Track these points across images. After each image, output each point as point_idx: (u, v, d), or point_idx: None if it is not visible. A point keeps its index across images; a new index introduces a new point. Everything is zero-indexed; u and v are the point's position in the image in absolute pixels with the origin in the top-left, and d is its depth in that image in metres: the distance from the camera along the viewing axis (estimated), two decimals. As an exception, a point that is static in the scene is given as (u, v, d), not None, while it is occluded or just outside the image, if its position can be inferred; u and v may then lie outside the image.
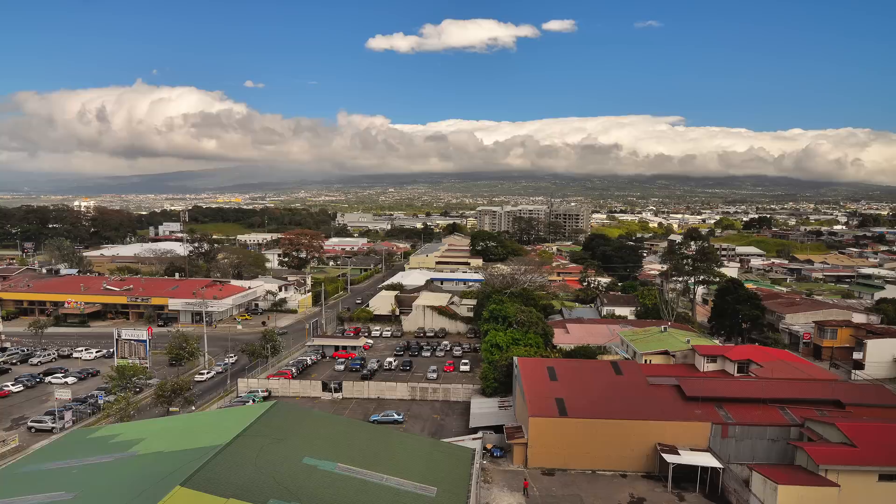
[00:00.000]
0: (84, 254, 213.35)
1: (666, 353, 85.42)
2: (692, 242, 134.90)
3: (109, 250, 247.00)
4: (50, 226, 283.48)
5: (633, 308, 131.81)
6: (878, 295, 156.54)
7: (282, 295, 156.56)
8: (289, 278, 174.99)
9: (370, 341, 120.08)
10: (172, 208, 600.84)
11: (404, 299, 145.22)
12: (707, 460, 56.18)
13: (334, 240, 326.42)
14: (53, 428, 71.88)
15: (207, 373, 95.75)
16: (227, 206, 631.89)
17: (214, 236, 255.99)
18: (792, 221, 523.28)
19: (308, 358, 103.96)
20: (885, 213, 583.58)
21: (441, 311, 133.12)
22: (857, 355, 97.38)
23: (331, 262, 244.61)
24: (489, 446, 64.66)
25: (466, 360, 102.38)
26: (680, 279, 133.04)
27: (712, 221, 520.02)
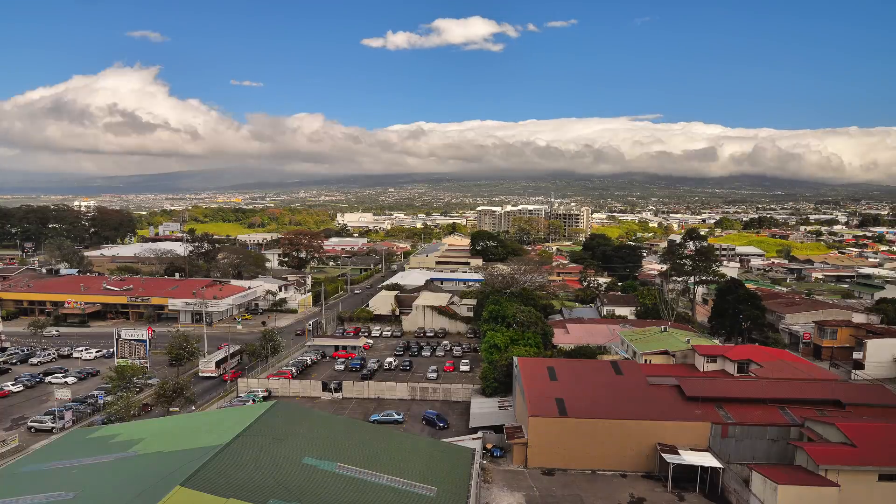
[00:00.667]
0: (84, 254, 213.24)
1: (666, 353, 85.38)
2: (692, 242, 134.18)
3: (109, 250, 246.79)
4: (50, 226, 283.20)
5: (633, 308, 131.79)
6: (878, 295, 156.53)
7: (282, 295, 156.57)
8: (289, 278, 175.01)
9: (370, 341, 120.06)
10: (172, 208, 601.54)
11: (404, 299, 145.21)
12: (707, 460, 56.15)
13: (334, 240, 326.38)
14: (53, 428, 71.87)
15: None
16: (227, 206, 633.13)
17: (214, 236, 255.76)
18: (792, 221, 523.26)
19: (308, 358, 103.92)
20: (885, 213, 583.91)
21: (441, 311, 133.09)
22: (857, 355, 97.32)
23: (331, 262, 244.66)
24: (489, 446, 64.63)
25: (466, 360, 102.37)
26: (680, 279, 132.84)
27: (712, 221, 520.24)
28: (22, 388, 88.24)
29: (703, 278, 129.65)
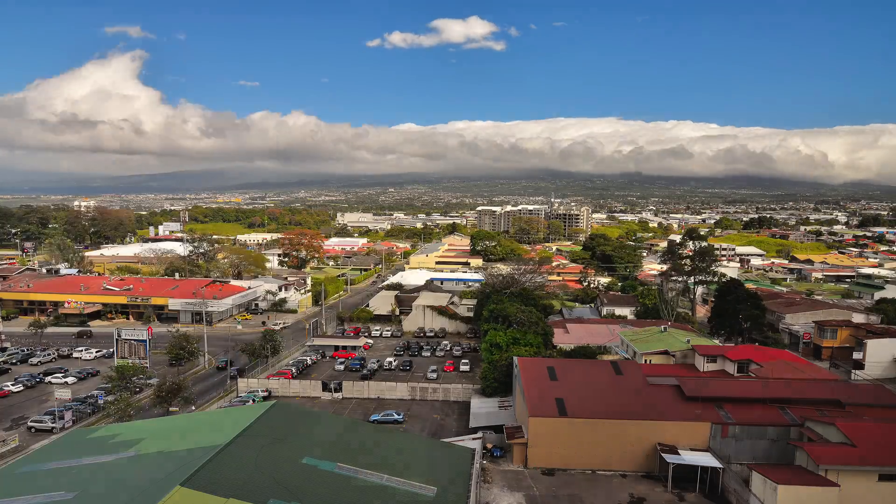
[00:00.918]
0: (84, 254, 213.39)
1: (666, 353, 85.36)
2: (691, 242, 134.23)
3: (109, 250, 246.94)
4: (50, 226, 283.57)
5: (633, 308, 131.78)
6: (878, 295, 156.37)
7: (282, 295, 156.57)
8: (289, 278, 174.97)
9: (370, 341, 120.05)
10: (172, 208, 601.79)
11: (404, 299, 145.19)
12: (707, 460, 56.16)
13: (334, 240, 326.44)
14: (53, 428, 71.85)
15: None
16: (227, 206, 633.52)
17: (214, 236, 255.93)
18: (792, 221, 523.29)
19: (308, 358, 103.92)
20: (885, 213, 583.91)
21: (441, 311, 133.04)
22: (857, 355, 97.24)
23: (331, 262, 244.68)
24: (489, 446, 64.62)
25: (466, 360, 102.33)
26: (680, 279, 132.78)
27: (712, 221, 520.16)
28: (22, 388, 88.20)
29: (703, 278, 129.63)
